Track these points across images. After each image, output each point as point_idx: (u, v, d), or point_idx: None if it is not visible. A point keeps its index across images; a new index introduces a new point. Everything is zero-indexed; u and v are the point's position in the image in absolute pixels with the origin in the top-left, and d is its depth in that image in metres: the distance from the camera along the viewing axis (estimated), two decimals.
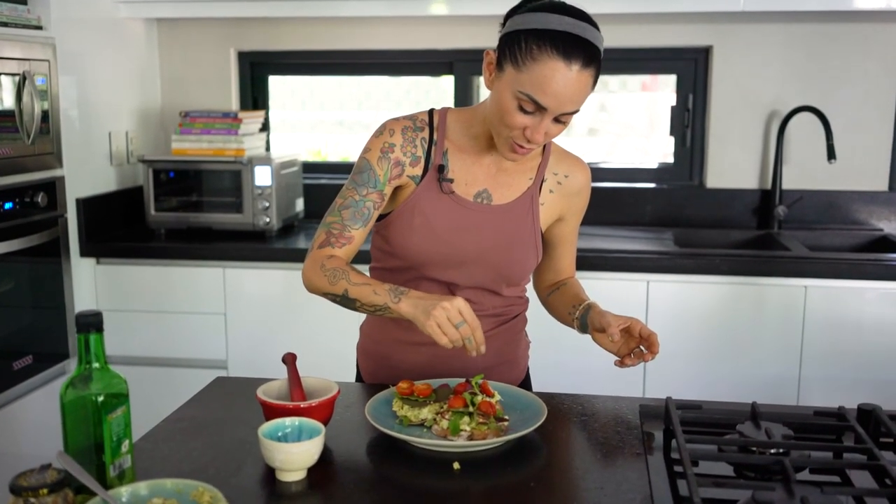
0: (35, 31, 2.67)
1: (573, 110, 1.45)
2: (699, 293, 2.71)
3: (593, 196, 1.76)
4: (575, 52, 1.39)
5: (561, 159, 1.68)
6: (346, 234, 1.57)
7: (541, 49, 1.40)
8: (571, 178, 1.68)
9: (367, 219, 1.58)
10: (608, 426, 1.46)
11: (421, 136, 1.61)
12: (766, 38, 3.14)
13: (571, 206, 1.70)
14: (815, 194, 3.17)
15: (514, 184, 1.63)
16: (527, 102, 1.43)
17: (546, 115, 1.44)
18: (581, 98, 1.44)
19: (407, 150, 1.60)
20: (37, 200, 2.66)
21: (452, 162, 1.61)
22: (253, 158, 3.04)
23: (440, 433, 1.37)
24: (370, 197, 1.58)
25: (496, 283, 1.65)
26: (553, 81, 1.40)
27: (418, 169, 1.61)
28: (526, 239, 1.64)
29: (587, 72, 1.41)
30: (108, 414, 1.15)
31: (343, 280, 1.50)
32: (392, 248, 1.64)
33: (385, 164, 1.59)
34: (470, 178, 1.61)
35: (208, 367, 2.94)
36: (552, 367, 2.69)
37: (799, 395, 2.71)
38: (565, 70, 1.39)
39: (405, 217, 1.60)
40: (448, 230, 1.59)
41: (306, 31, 3.38)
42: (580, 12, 1.46)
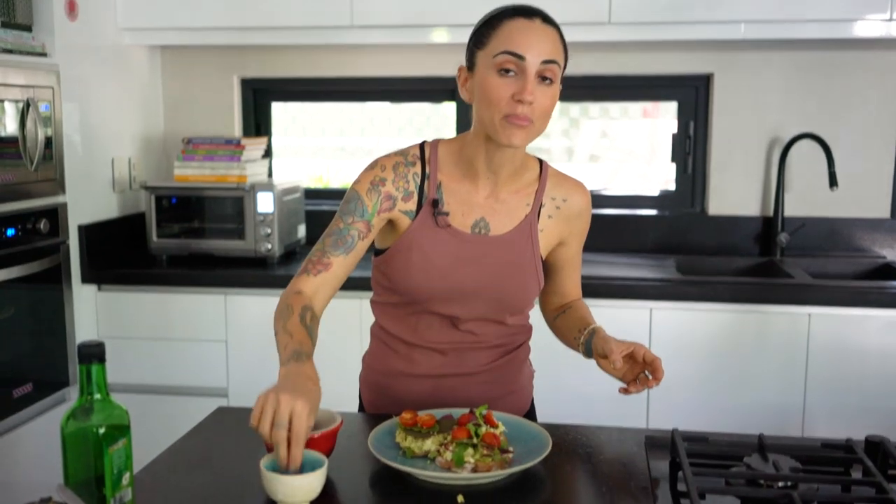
0: (39, 57, 2.68)
1: (552, 58, 1.47)
2: (702, 320, 2.70)
3: (595, 222, 1.76)
4: (532, 12, 1.50)
5: (558, 183, 1.66)
6: (323, 261, 1.55)
7: (499, 20, 1.50)
8: (570, 202, 1.66)
9: (350, 247, 1.56)
10: (613, 458, 1.44)
11: (413, 171, 1.60)
12: (766, 65, 3.15)
13: (572, 229, 1.69)
14: (817, 221, 3.17)
15: (512, 212, 1.62)
16: (505, 60, 1.46)
17: (527, 68, 1.45)
18: (552, 46, 1.48)
19: (399, 185, 1.59)
20: (39, 227, 2.66)
21: (447, 194, 1.60)
22: (255, 185, 3.05)
23: (444, 465, 1.36)
24: (355, 225, 1.56)
25: (499, 313, 1.64)
26: (520, 31, 1.47)
27: (412, 204, 1.59)
28: (526, 267, 1.62)
29: (550, 27, 1.49)
30: (109, 446, 1.13)
31: (282, 321, 1.46)
32: (392, 285, 1.62)
33: (374, 196, 1.57)
34: (466, 209, 1.60)
35: (209, 395, 2.92)
36: (556, 394, 2.68)
37: (804, 423, 2.69)
38: (527, 22, 1.48)
39: (403, 253, 1.59)
40: (447, 264, 1.58)
41: (308, 59, 3.39)
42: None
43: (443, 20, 2.95)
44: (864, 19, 2.76)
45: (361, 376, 1.80)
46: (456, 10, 2.92)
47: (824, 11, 2.77)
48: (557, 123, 3.64)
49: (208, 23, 3.08)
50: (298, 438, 1.22)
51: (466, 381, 1.66)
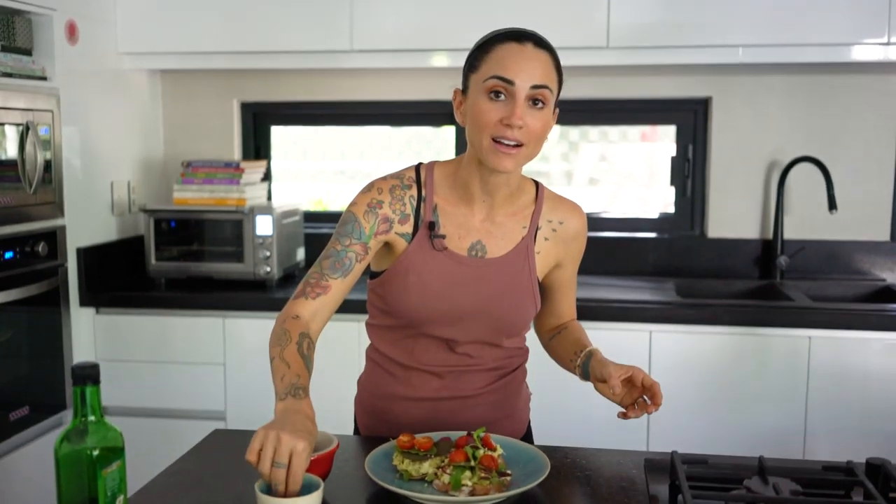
0: (39, 81, 2.69)
1: (542, 83, 1.46)
2: (702, 343, 2.69)
3: (594, 245, 1.76)
4: (524, 36, 1.50)
5: (555, 206, 1.66)
6: (321, 284, 1.54)
7: (491, 44, 1.51)
8: (566, 224, 1.66)
9: (348, 269, 1.55)
10: (612, 481, 1.43)
11: (409, 194, 1.60)
12: (765, 89, 3.16)
13: (568, 251, 1.68)
14: (816, 244, 3.17)
15: (508, 234, 1.61)
16: (495, 84, 1.46)
17: (517, 92, 1.45)
18: (544, 70, 1.47)
19: (396, 208, 1.58)
20: (37, 250, 2.66)
21: (443, 217, 1.59)
22: (254, 208, 3.05)
23: (441, 488, 1.34)
24: (353, 248, 1.56)
25: (495, 335, 1.63)
26: (510, 56, 1.47)
27: (408, 227, 1.59)
28: (523, 290, 1.62)
29: (542, 51, 1.49)
30: (102, 469, 1.13)
31: (278, 348, 1.44)
32: (388, 308, 1.61)
33: (372, 218, 1.57)
34: (462, 232, 1.59)
35: (206, 419, 2.91)
36: (554, 418, 2.67)
37: (805, 446, 2.67)
38: (518, 47, 1.48)
39: (399, 276, 1.58)
40: (443, 287, 1.57)
41: (308, 83, 3.41)
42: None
43: (442, 44, 2.96)
44: (861, 43, 2.78)
45: (356, 399, 1.79)
46: (455, 34, 2.93)
47: (822, 36, 2.78)
48: (556, 147, 3.65)
49: (208, 47, 3.10)
50: (296, 478, 1.21)
51: (463, 405, 1.65)
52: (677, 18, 2.83)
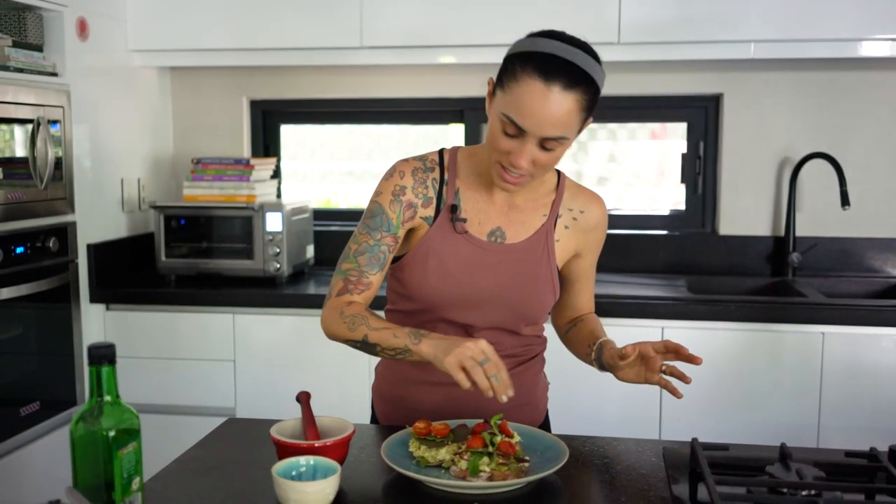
0: (50, 77, 2.69)
1: (556, 135, 1.41)
2: (715, 340, 2.67)
3: (605, 242, 1.74)
4: (556, 74, 1.37)
5: (576, 195, 1.66)
6: (363, 281, 1.54)
7: (523, 69, 1.40)
8: (587, 214, 1.65)
9: (384, 263, 1.56)
10: (631, 469, 1.41)
11: (432, 177, 1.59)
12: (776, 85, 3.14)
13: (588, 241, 1.67)
14: (828, 241, 3.15)
15: (528, 221, 1.61)
16: (508, 125, 1.42)
17: (528, 138, 1.42)
18: (563, 122, 1.40)
19: (419, 192, 1.58)
20: (48, 245, 2.65)
21: (465, 201, 1.59)
22: (264, 204, 3.04)
23: (459, 474, 1.33)
24: (385, 241, 1.55)
25: (514, 322, 1.62)
26: (530, 101, 1.38)
27: (430, 209, 1.58)
28: (542, 277, 1.61)
29: (570, 94, 1.38)
30: (118, 450, 1.11)
31: (362, 326, 1.47)
32: (408, 291, 1.61)
33: (397, 207, 1.57)
34: (483, 217, 1.59)
35: (217, 415, 2.88)
36: (570, 408, 2.65)
37: (818, 442, 2.65)
38: (543, 90, 1.37)
39: (419, 259, 1.57)
40: (463, 270, 1.56)
41: (317, 80, 3.40)
42: (577, 40, 1.44)
43: (452, 41, 2.95)
44: (873, 39, 2.76)
45: (374, 387, 1.78)
46: (465, 31, 2.93)
47: (834, 31, 2.77)
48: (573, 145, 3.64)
49: (218, 44, 3.10)
50: (502, 364, 1.34)
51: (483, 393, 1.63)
52: (689, 13, 2.82)
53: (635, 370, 1.54)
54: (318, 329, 2.73)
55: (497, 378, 1.33)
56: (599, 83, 1.43)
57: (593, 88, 1.42)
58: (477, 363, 1.32)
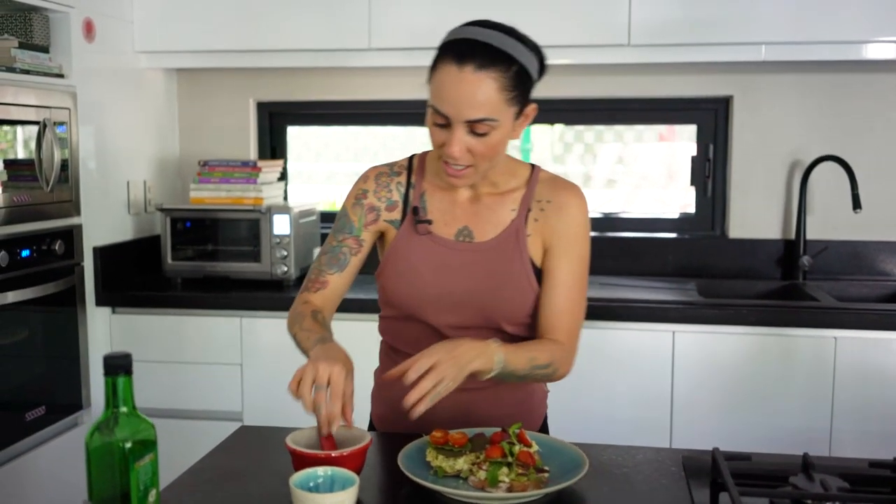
0: (56, 79, 2.67)
1: (478, 117, 1.40)
2: (726, 344, 2.65)
3: (613, 245, 1.71)
4: (469, 55, 1.40)
5: (548, 186, 1.60)
6: (320, 279, 1.60)
7: (440, 58, 1.44)
8: (554, 202, 1.58)
9: (344, 264, 1.60)
10: (652, 478, 1.39)
11: (397, 181, 1.62)
12: (787, 87, 3.12)
13: (555, 231, 1.57)
14: (839, 244, 3.13)
15: (496, 219, 1.58)
16: (435, 115, 1.44)
17: (455, 125, 1.42)
18: (481, 102, 1.39)
19: (381, 196, 1.61)
20: (54, 248, 2.63)
21: (431, 202, 1.59)
22: (271, 207, 3.02)
23: (478, 485, 1.31)
24: (346, 242, 1.60)
25: (493, 322, 1.57)
26: (448, 85, 1.41)
27: (396, 213, 1.60)
28: (515, 274, 1.56)
29: (484, 73, 1.39)
30: (135, 462, 1.09)
31: (297, 325, 1.53)
32: (387, 297, 1.63)
33: (359, 210, 1.61)
34: (449, 218, 1.59)
35: (223, 419, 2.87)
36: (579, 413, 2.64)
37: (830, 448, 2.63)
38: (457, 72, 1.40)
39: (391, 264, 1.60)
40: (432, 272, 1.56)
41: (324, 82, 3.38)
42: (500, 25, 1.47)
43: None
44: (885, 41, 2.74)
45: (373, 392, 1.77)
46: None
47: (846, 33, 2.75)
48: (574, 148, 3.62)
49: (224, 45, 3.08)
50: (337, 395, 1.29)
51: (474, 397, 1.60)
52: (700, 15, 2.79)
53: None
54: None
55: (318, 410, 1.30)
56: (525, 63, 1.44)
57: (515, 68, 1.42)
58: (310, 384, 1.30)
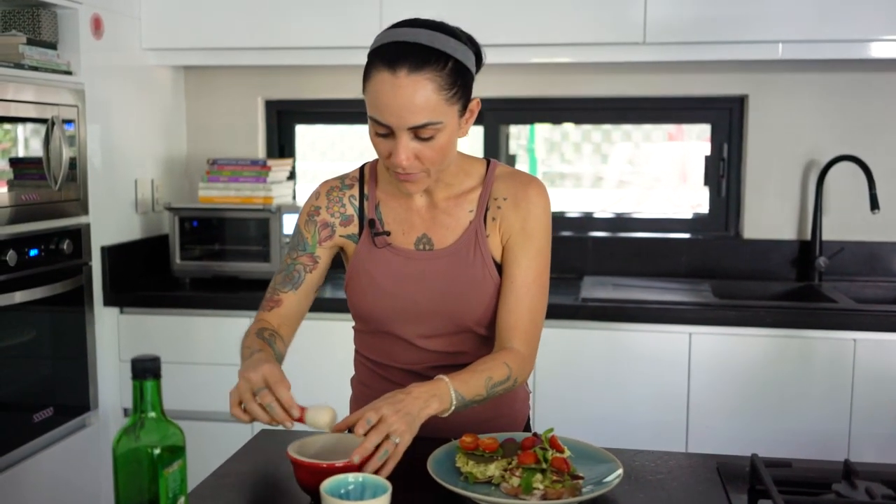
0: (64, 76, 2.63)
1: (421, 122, 1.34)
2: (744, 345, 2.62)
3: (626, 245, 1.67)
4: (400, 59, 1.33)
5: (505, 182, 1.54)
6: (274, 298, 1.58)
7: (372, 65, 1.37)
8: (511, 199, 1.52)
9: (298, 282, 1.56)
10: (688, 485, 1.36)
11: (349, 195, 1.57)
12: (803, 86, 3.09)
13: (512, 227, 1.51)
14: (855, 245, 3.09)
15: (454, 223, 1.53)
16: (376, 125, 1.38)
17: (398, 134, 1.36)
18: (422, 106, 1.33)
19: (334, 211, 1.57)
20: (62, 247, 2.60)
21: (386, 213, 1.55)
22: (281, 206, 2.98)
23: (510, 491, 1.27)
24: (300, 260, 1.56)
25: (464, 326, 1.54)
26: (383, 93, 1.34)
27: (352, 228, 1.57)
28: (478, 278, 1.51)
29: (419, 76, 1.33)
30: (164, 468, 1.06)
31: (243, 341, 1.50)
32: (356, 311, 1.60)
33: (312, 227, 1.57)
34: (406, 227, 1.54)
35: (233, 421, 2.83)
36: (594, 417, 2.61)
37: (849, 451, 2.59)
38: (391, 79, 1.33)
39: (354, 278, 1.56)
40: (393, 283, 1.53)
41: (334, 80, 3.34)
42: (428, 21, 1.41)
43: None
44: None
45: (352, 399, 1.74)
46: (488, 29, 2.84)
47: (864, 31, 2.72)
48: (584, 148, 3.59)
49: (233, 43, 3.04)
50: (278, 386, 1.27)
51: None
52: (716, 13, 2.76)
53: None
54: (335, 333, 2.72)
55: (272, 407, 1.27)
56: (460, 58, 1.38)
57: (451, 64, 1.36)
58: (251, 395, 1.28)
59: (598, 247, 3.20)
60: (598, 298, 2.72)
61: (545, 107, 3.35)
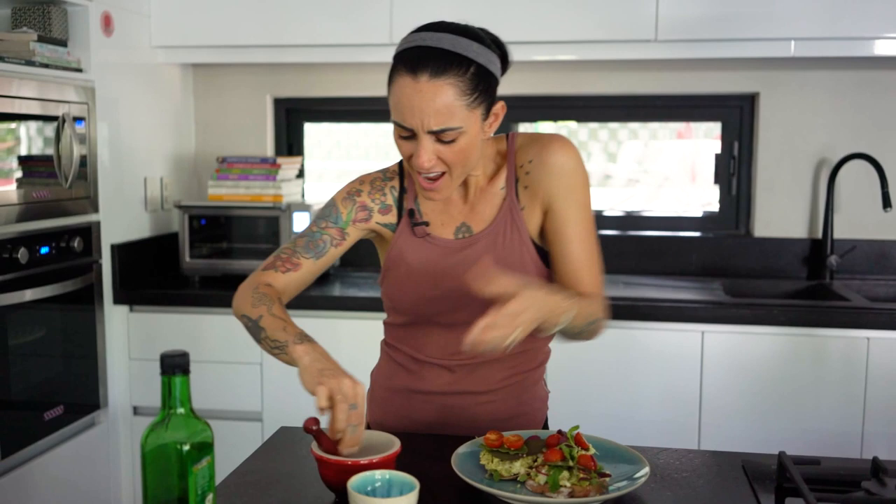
0: (75, 73, 2.62)
1: (442, 127, 1.35)
2: (756, 344, 2.61)
3: (636, 244, 1.66)
4: (422, 64, 1.34)
5: (527, 148, 1.52)
6: (293, 260, 1.51)
7: (395, 70, 1.38)
8: (537, 161, 1.50)
9: (321, 252, 1.52)
10: (714, 483, 1.35)
11: (390, 185, 1.57)
12: (814, 84, 3.08)
13: (550, 189, 1.49)
14: (867, 244, 3.08)
15: (489, 205, 1.53)
16: (399, 129, 1.40)
17: (420, 136, 1.37)
18: (443, 111, 1.34)
19: (375, 198, 1.56)
20: (73, 245, 2.59)
21: (424, 206, 1.56)
22: (291, 204, 2.97)
23: (536, 489, 1.26)
24: (328, 231, 1.54)
25: None
26: (405, 98, 1.35)
27: (391, 217, 1.56)
28: (517, 255, 1.50)
29: (441, 80, 1.33)
30: (192, 465, 1.05)
31: (264, 307, 1.43)
32: (392, 304, 1.59)
33: (349, 204, 1.55)
34: (445, 218, 1.55)
35: (243, 419, 2.84)
36: (606, 415, 2.60)
37: (862, 450, 2.59)
38: (413, 83, 1.34)
39: (392, 269, 1.55)
40: (434, 272, 1.52)
41: (344, 78, 3.33)
42: (452, 25, 1.41)
43: None
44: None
45: (368, 393, 1.72)
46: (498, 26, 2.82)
47: (877, 28, 2.71)
48: (594, 146, 3.58)
49: (242, 40, 3.03)
50: (362, 417, 1.26)
51: (474, 401, 1.58)
52: (728, 10, 2.75)
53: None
54: (345, 331, 2.71)
55: (354, 429, 1.26)
56: (483, 62, 1.38)
57: (473, 69, 1.36)
58: (346, 403, 1.25)
59: (608, 245, 3.15)
60: (609, 297, 2.70)
61: (554, 105, 3.34)
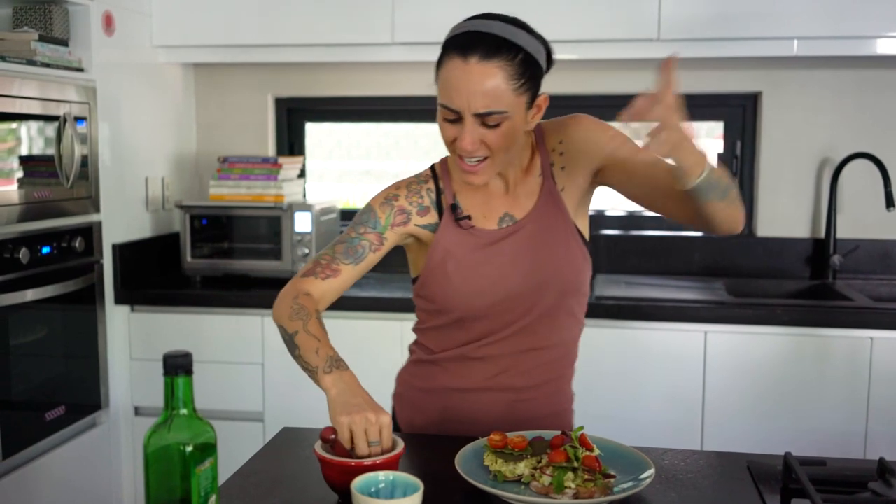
0: (76, 73, 2.61)
1: (487, 110, 1.38)
2: (759, 344, 2.60)
3: (638, 244, 1.66)
4: (472, 47, 1.38)
5: (551, 132, 1.59)
6: (332, 266, 1.52)
7: (445, 54, 1.42)
8: (565, 139, 1.56)
9: (360, 258, 1.53)
10: (720, 484, 1.34)
11: (426, 187, 1.58)
12: (817, 83, 3.07)
13: (591, 152, 1.53)
14: (870, 243, 3.08)
15: (529, 194, 1.55)
16: (445, 111, 1.41)
17: (465, 119, 1.39)
18: (490, 93, 1.37)
19: (413, 201, 1.56)
20: (74, 245, 2.58)
21: (464, 201, 1.56)
22: (293, 204, 2.97)
23: (541, 490, 1.25)
24: (367, 236, 1.54)
25: (555, 299, 1.53)
26: (454, 79, 1.38)
27: (430, 217, 1.56)
28: (561, 231, 1.53)
29: (490, 63, 1.37)
30: (196, 466, 1.04)
31: (300, 321, 1.43)
32: (437, 305, 1.57)
33: (388, 209, 1.55)
34: (486, 210, 1.55)
35: (244, 420, 2.83)
36: (608, 415, 2.59)
37: (866, 450, 2.58)
38: (462, 65, 1.37)
39: (437, 267, 1.54)
40: (482, 263, 1.52)
41: (345, 78, 3.32)
42: (502, 16, 1.44)
43: None
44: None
45: (396, 394, 1.72)
46: None
47: (880, 28, 2.70)
48: None
49: (243, 40, 3.02)
50: (388, 446, 1.28)
51: (516, 396, 1.58)
52: (731, 9, 2.74)
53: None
54: (347, 332, 2.70)
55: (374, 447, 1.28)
56: (531, 51, 1.41)
57: (521, 55, 1.40)
58: (366, 440, 1.27)
59: (610, 245, 3.18)
60: (612, 297, 2.71)
61: (556, 104, 3.30)
